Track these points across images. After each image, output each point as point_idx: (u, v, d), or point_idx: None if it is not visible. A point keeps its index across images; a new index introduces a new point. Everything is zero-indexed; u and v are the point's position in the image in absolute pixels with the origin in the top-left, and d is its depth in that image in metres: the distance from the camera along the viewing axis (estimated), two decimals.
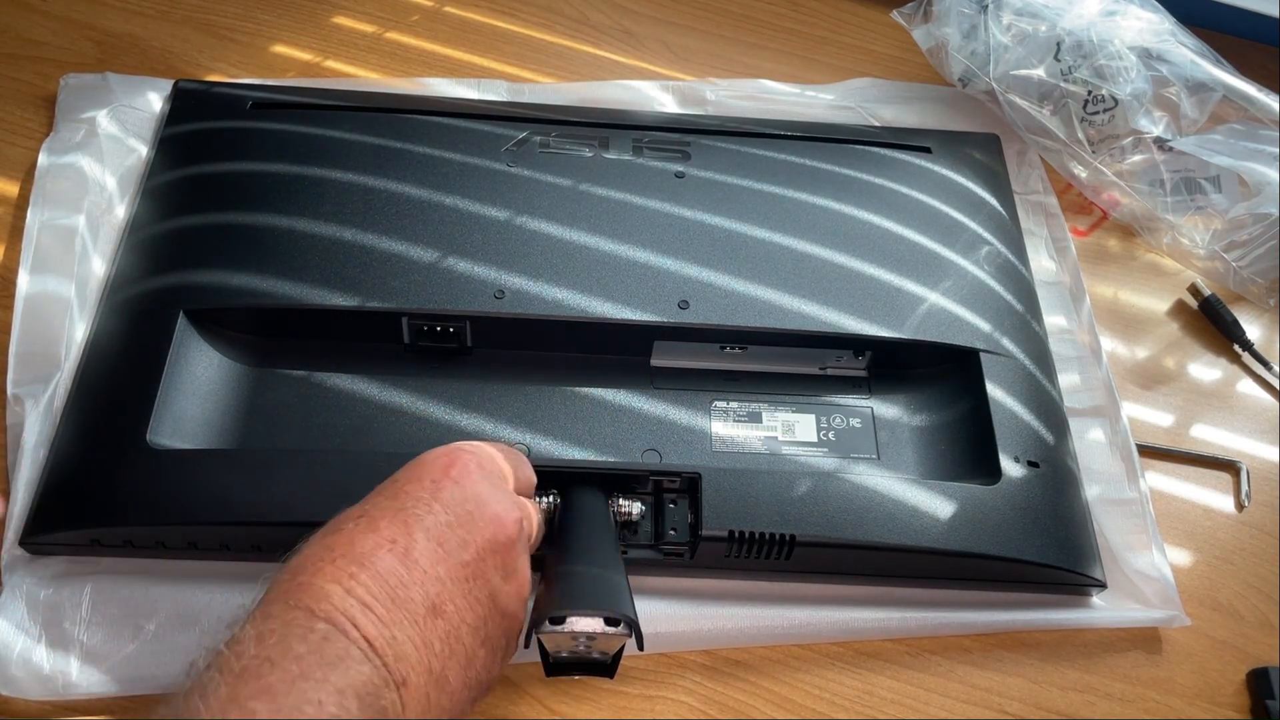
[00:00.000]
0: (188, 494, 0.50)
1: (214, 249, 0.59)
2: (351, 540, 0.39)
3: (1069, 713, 0.53)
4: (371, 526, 0.40)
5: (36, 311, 0.59)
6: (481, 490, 0.43)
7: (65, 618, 0.50)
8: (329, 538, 0.40)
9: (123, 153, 0.67)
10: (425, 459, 0.44)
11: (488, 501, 0.42)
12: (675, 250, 0.62)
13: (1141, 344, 0.69)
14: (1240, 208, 0.70)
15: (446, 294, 0.58)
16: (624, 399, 0.58)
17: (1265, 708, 0.53)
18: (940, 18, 0.75)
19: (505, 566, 0.42)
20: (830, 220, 0.65)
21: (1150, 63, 0.72)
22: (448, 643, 0.39)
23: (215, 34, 0.77)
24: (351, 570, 0.38)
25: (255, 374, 0.57)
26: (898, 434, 0.59)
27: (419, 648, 0.38)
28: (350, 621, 0.36)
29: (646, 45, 0.82)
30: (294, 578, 0.38)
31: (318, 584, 0.37)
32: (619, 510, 0.52)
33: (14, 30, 0.75)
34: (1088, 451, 0.61)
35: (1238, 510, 0.62)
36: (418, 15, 0.81)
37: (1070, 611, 0.55)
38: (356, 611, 0.37)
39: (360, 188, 0.63)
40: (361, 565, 0.38)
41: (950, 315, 0.61)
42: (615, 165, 0.67)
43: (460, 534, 0.41)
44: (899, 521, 0.53)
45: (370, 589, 0.37)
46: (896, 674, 0.54)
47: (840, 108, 0.77)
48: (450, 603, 0.39)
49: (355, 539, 0.39)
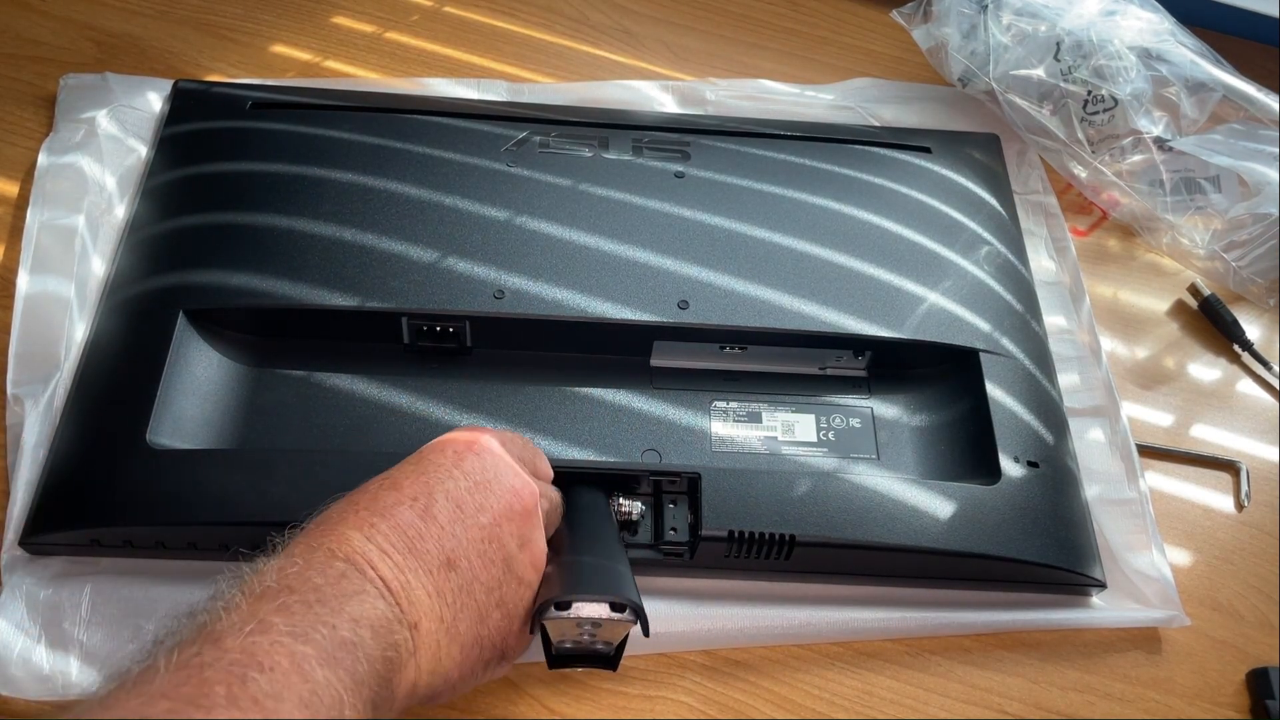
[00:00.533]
0: (187, 494, 0.50)
1: (214, 249, 0.59)
2: (375, 496, 0.42)
3: (1069, 713, 0.53)
4: (394, 485, 0.42)
5: (36, 311, 0.59)
6: (501, 465, 0.45)
7: (65, 618, 0.50)
8: (353, 495, 0.43)
9: (122, 153, 0.67)
10: (449, 435, 0.46)
11: (506, 474, 0.45)
12: (675, 250, 0.62)
13: (1141, 344, 0.69)
14: (1240, 208, 0.70)
15: (446, 294, 0.58)
16: (624, 399, 0.58)
17: (1265, 708, 0.53)
18: (940, 18, 0.75)
19: (521, 535, 0.44)
20: (830, 220, 0.65)
21: (1150, 63, 0.72)
22: (460, 596, 0.41)
23: (215, 34, 0.77)
24: (373, 520, 0.40)
25: (255, 374, 0.57)
26: (897, 434, 0.59)
27: (431, 595, 0.40)
28: (367, 563, 0.39)
29: (646, 45, 0.82)
30: (318, 527, 0.41)
31: (340, 530, 0.40)
32: (619, 510, 0.52)
33: (14, 30, 0.75)
34: (1087, 451, 0.61)
35: (1237, 510, 0.62)
36: (417, 15, 0.81)
37: (1070, 611, 0.55)
38: (374, 555, 0.39)
39: (360, 188, 0.63)
40: (382, 516, 0.41)
41: (950, 315, 0.61)
42: (615, 165, 0.67)
43: (478, 499, 0.43)
44: (899, 521, 0.53)
45: (389, 537, 0.40)
46: (896, 674, 0.54)
47: (840, 108, 0.77)
48: (464, 559, 0.42)
49: (379, 495, 0.42)
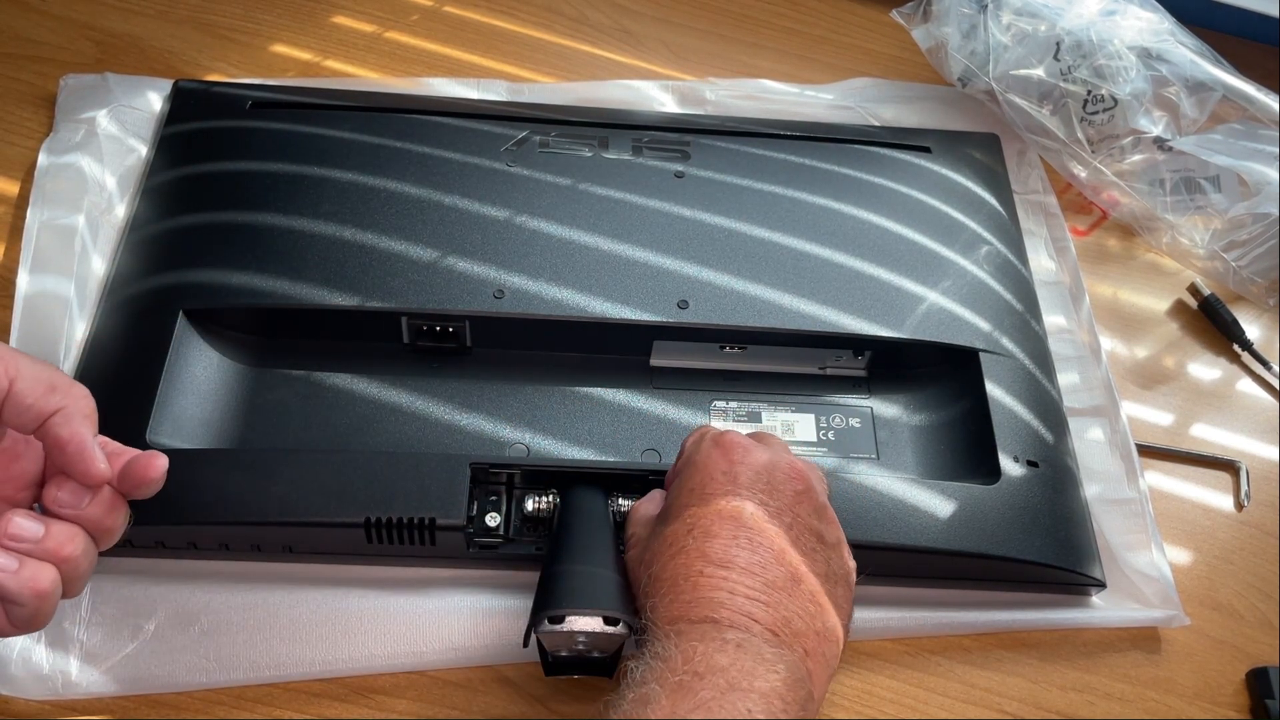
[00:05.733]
0: (187, 494, 0.50)
1: (213, 248, 0.59)
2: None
3: (1069, 712, 0.53)
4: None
5: (36, 311, 0.59)
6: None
7: (65, 617, 0.50)
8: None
9: (122, 153, 0.67)
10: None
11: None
12: (675, 250, 0.62)
13: (1141, 343, 0.69)
14: (1240, 207, 0.70)
15: (446, 294, 0.58)
16: (624, 399, 0.58)
17: (1265, 707, 0.53)
18: (940, 17, 0.75)
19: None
20: (830, 220, 0.65)
21: (1150, 62, 0.72)
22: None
23: (215, 34, 0.77)
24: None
25: (255, 374, 0.57)
26: (897, 433, 0.59)
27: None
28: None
29: (646, 45, 0.82)
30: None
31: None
32: (618, 510, 0.52)
33: (14, 30, 0.75)
34: (1087, 451, 0.61)
35: (1237, 510, 0.62)
36: (417, 15, 0.81)
37: (1070, 611, 0.55)
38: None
39: (360, 187, 0.63)
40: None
41: (950, 315, 0.61)
42: (615, 165, 0.67)
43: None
44: (898, 521, 0.53)
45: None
46: (896, 674, 0.54)
47: (840, 107, 0.77)
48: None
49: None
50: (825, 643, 0.43)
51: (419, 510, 0.50)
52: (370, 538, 0.50)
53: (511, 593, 0.52)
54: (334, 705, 0.50)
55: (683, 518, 0.45)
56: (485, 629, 0.52)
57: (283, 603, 0.52)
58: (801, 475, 0.46)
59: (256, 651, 0.50)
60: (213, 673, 0.50)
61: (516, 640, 0.47)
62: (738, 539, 0.43)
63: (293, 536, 0.51)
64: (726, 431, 0.48)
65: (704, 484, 0.46)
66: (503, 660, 0.52)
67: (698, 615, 0.41)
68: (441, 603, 0.52)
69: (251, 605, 0.51)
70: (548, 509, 0.52)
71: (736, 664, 0.39)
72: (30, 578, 0.39)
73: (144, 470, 0.42)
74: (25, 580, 0.39)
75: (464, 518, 0.50)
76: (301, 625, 0.51)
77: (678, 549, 0.44)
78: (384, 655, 0.51)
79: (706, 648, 0.39)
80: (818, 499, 0.46)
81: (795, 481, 0.46)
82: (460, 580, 0.53)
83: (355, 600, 0.52)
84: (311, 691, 0.50)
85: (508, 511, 0.53)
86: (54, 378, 0.41)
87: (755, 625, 0.41)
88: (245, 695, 0.50)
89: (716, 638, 0.40)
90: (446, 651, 0.51)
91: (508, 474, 0.53)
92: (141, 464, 0.42)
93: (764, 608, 0.41)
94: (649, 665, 0.40)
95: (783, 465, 0.46)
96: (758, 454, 0.47)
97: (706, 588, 0.42)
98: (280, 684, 0.50)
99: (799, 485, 0.46)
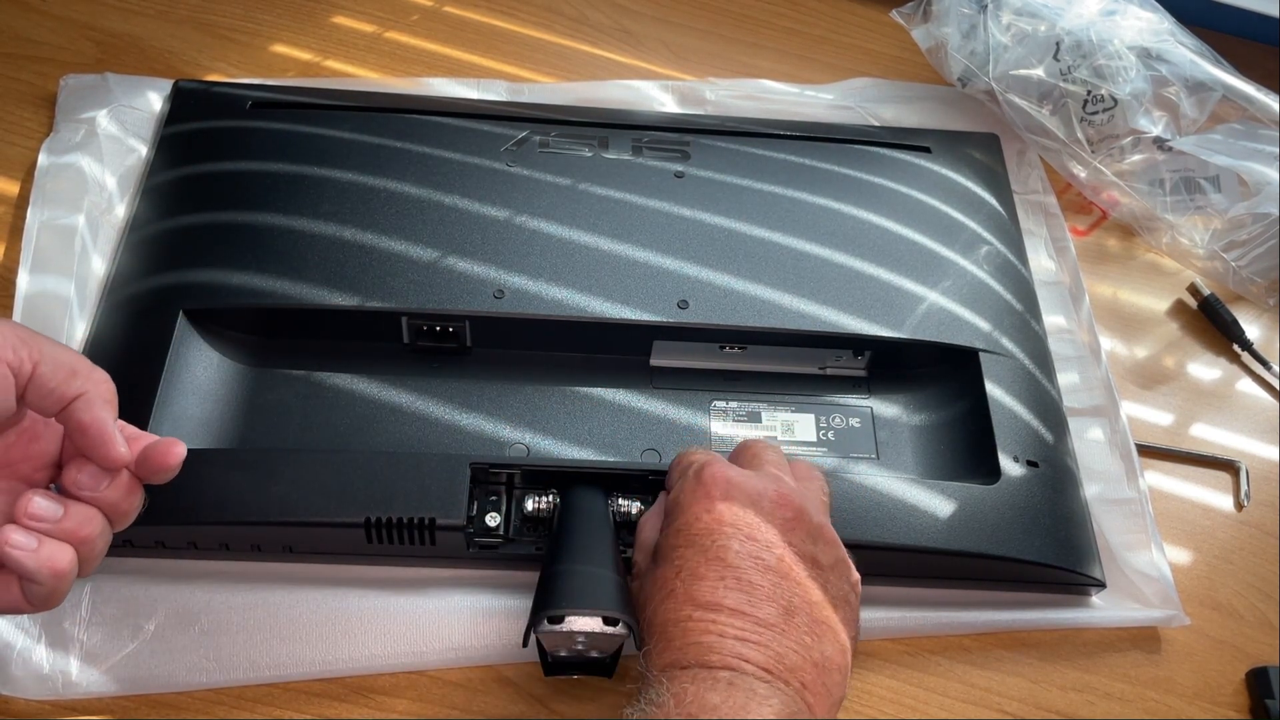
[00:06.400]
0: (187, 493, 0.50)
1: (213, 248, 0.59)
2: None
3: (1069, 712, 0.53)
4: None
5: (36, 311, 0.59)
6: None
7: (65, 617, 0.50)
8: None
9: (123, 153, 0.67)
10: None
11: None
12: (675, 250, 0.62)
13: (1141, 343, 0.69)
14: (1240, 207, 0.70)
15: (446, 294, 0.58)
16: (623, 399, 0.58)
17: (1265, 707, 0.53)
18: (940, 17, 0.75)
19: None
20: (830, 220, 0.65)
21: (1150, 62, 0.72)
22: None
23: (215, 34, 0.77)
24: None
25: (255, 374, 0.57)
26: (897, 433, 0.59)
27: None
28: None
29: (646, 45, 0.82)
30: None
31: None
32: (618, 510, 0.52)
33: (14, 30, 0.75)
34: (1087, 451, 0.61)
35: (1237, 510, 0.62)
36: (417, 15, 0.81)
37: (1070, 611, 0.55)
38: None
39: (360, 187, 0.63)
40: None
41: (950, 315, 0.61)
42: (615, 165, 0.67)
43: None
44: (898, 521, 0.53)
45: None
46: (896, 674, 0.54)
47: (840, 107, 0.77)
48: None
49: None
50: (825, 673, 0.42)
51: (419, 510, 0.50)
52: (370, 538, 0.50)
53: (511, 593, 0.52)
54: (334, 705, 0.50)
55: (671, 560, 0.45)
56: (485, 629, 0.52)
57: (283, 603, 0.52)
58: (789, 502, 0.46)
59: (256, 651, 0.50)
60: (213, 673, 0.50)
61: (516, 640, 0.47)
62: (724, 580, 0.43)
63: (293, 536, 0.51)
64: (709, 463, 0.47)
65: (689, 524, 0.45)
66: (502, 660, 0.52)
67: (689, 660, 0.41)
68: (441, 603, 0.52)
69: (251, 605, 0.51)
70: (548, 509, 0.52)
71: (729, 701, 0.39)
72: (49, 557, 0.39)
73: (163, 456, 0.42)
74: (44, 559, 0.39)
75: (464, 518, 0.50)
76: (301, 625, 0.51)
77: (667, 592, 0.44)
78: (384, 655, 0.51)
79: (698, 688, 0.40)
80: (811, 521, 0.46)
81: (783, 510, 0.45)
82: (460, 580, 0.53)
83: (355, 600, 0.52)
84: (311, 691, 0.50)
85: (508, 511, 0.53)
86: (76, 362, 0.41)
87: (747, 665, 0.41)
88: (245, 695, 0.50)
89: (708, 678, 0.40)
90: (446, 651, 0.51)
91: (508, 474, 0.53)
92: (160, 450, 0.42)
93: (755, 647, 0.41)
94: (643, 711, 0.40)
95: (769, 495, 0.46)
96: (743, 486, 0.46)
97: (696, 632, 0.42)
98: (280, 684, 0.50)
99: (787, 513, 0.45)
